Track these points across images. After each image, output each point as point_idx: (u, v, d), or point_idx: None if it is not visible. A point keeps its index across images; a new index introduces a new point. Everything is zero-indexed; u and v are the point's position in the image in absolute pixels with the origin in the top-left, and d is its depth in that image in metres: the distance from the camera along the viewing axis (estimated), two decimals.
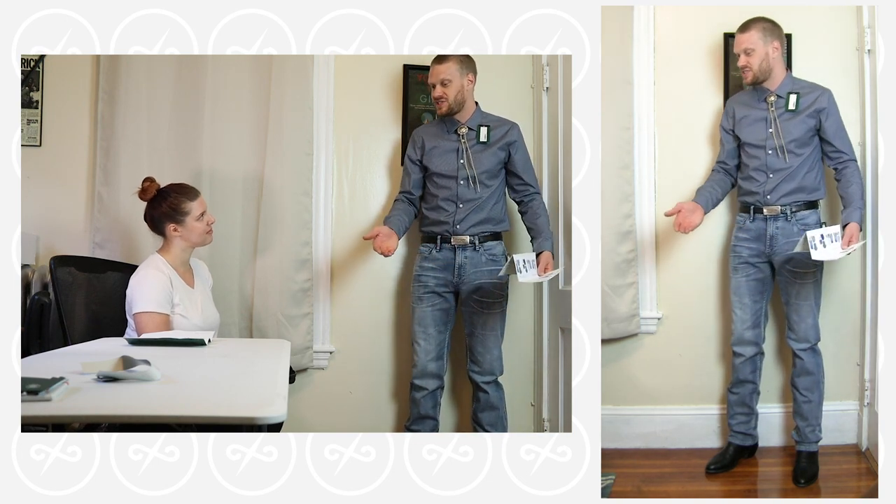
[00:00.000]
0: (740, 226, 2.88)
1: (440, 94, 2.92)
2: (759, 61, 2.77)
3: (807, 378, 2.82)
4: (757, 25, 2.77)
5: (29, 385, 1.34)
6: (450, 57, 2.91)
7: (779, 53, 2.79)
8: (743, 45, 2.78)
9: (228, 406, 1.40)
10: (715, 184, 2.91)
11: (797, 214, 2.78)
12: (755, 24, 2.78)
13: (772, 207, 2.80)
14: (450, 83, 2.91)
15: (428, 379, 2.98)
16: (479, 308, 2.94)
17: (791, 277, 2.79)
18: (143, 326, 2.52)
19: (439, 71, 2.91)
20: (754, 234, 2.84)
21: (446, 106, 2.92)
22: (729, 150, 2.92)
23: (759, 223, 2.82)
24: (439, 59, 2.92)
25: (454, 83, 2.91)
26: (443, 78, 2.90)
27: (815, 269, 2.78)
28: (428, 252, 2.97)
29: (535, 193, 2.98)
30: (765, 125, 2.80)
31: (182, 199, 2.67)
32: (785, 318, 2.87)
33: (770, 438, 3.10)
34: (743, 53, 2.78)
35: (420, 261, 3.01)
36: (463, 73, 2.92)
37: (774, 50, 2.77)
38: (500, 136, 2.95)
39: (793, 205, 2.78)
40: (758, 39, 2.76)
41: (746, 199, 2.86)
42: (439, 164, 2.96)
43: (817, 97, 2.76)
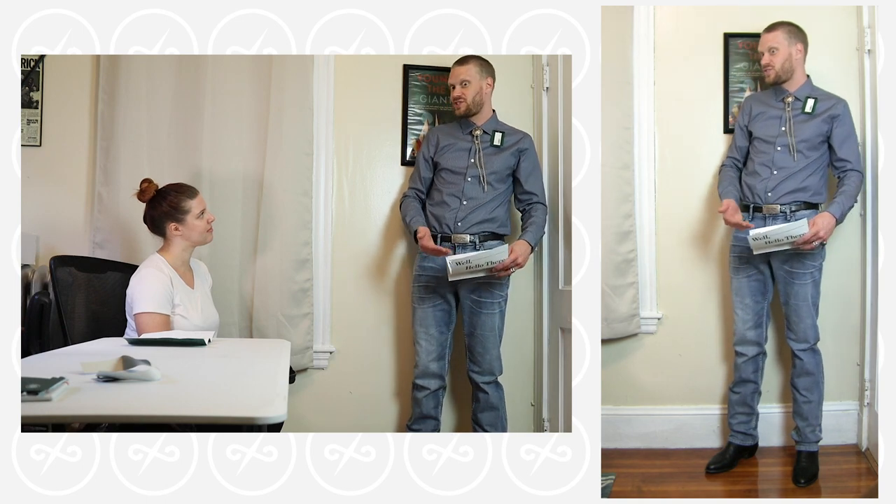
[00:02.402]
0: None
1: (459, 94, 2.95)
2: (783, 61, 2.80)
3: (806, 378, 2.82)
4: (783, 26, 2.82)
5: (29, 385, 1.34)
6: (470, 59, 2.95)
7: (801, 56, 2.83)
8: (768, 43, 2.82)
9: (228, 406, 1.40)
10: (735, 180, 2.91)
11: (796, 214, 2.78)
12: (781, 25, 2.82)
13: (771, 206, 2.80)
14: (469, 84, 2.94)
15: (430, 379, 2.99)
16: (479, 308, 2.94)
17: (789, 278, 2.80)
18: (144, 326, 2.52)
19: (459, 72, 2.95)
20: None
21: (464, 106, 2.95)
22: (741, 146, 2.94)
23: (758, 223, 2.82)
24: (460, 60, 2.97)
25: (473, 84, 2.94)
26: (462, 79, 2.94)
27: (812, 270, 2.78)
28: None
29: (538, 203, 2.99)
30: (779, 123, 2.82)
31: (182, 198, 2.67)
32: (784, 318, 2.87)
33: (770, 438, 3.10)
34: (767, 52, 2.82)
35: (420, 261, 3.01)
36: (482, 76, 2.96)
37: (798, 52, 2.81)
38: (513, 142, 2.98)
39: (792, 204, 2.78)
40: (783, 39, 2.80)
41: (748, 197, 2.86)
42: (450, 161, 2.98)
43: (833, 104, 2.79)
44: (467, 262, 2.75)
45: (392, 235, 3.32)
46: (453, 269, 2.74)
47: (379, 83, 3.32)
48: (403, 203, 3.07)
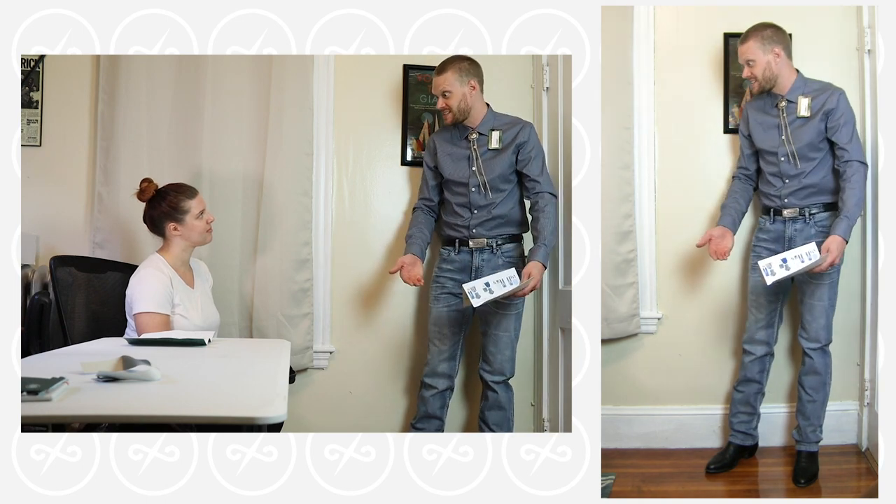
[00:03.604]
0: (761, 227, 2.89)
1: (442, 105, 2.89)
2: (762, 71, 2.75)
3: (814, 378, 2.82)
4: (755, 35, 2.74)
5: (29, 385, 1.34)
6: (448, 67, 2.87)
7: (782, 58, 2.75)
8: (744, 55, 2.76)
9: (228, 406, 1.40)
10: (738, 196, 2.90)
11: (815, 217, 2.77)
12: (753, 33, 2.75)
13: (791, 210, 2.80)
14: (450, 94, 2.87)
15: (438, 378, 2.98)
16: (495, 309, 2.91)
17: (808, 277, 2.78)
18: (144, 326, 2.52)
19: (438, 83, 2.88)
20: (773, 235, 2.84)
21: (451, 116, 2.90)
22: (747, 155, 2.92)
23: (778, 225, 2.82)
24: (438, 69, 2.89)
25: (455, 93, 2.87)
26: (443, 89, 2.87)
27: (832, 272, 2.75)
28: (447, 254, 2.98)
29: (544, 192, 2.87)
30: (777, 132, 2.79)
31: (181, 198, 2.67)
32: (799, 316, 2.86)
33: (770, 438, 3.10)
34: (746, 65, 2.77)
35: (439, 262, 3.02)
36: (463, 82, 2.87)
37: (776, 56, 2.74)
38: (512, 138, 2.89)
39: (812, 206, 2.78)
40: (756, 49, 2.74)
41: (766, 202, 2.87)
42: (452, 172, 2.95)
43: (827, 98, 2.73)
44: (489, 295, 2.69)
45: (392, 235, 3.31)
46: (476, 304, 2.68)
47: (379, 83, 3.32)
48: (412, 218, 3.05)
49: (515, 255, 2.94)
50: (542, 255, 2.80)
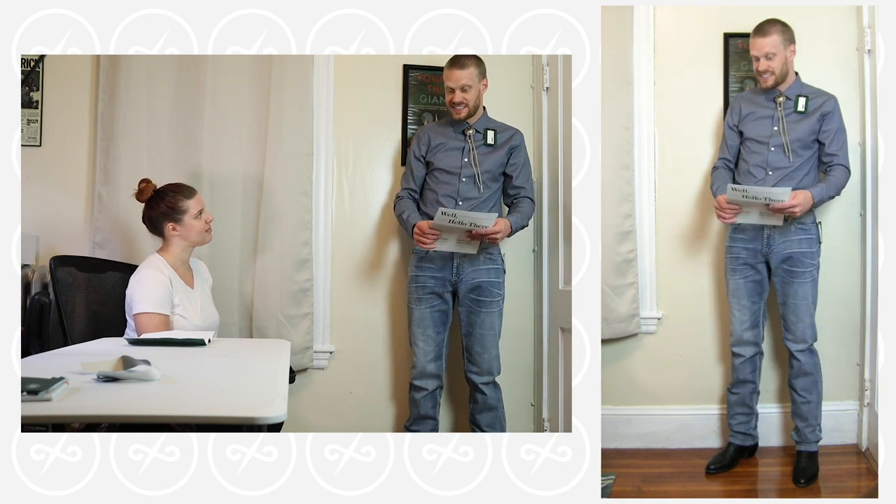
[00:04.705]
0: (735, 226, 2.86)
1: (461, 99, 2.89)
2: (781, 65, 2.75)
3: (805, 379, 2.82)
4: (776, 28, 2.74)
5: (29, 385, 1.34)
6: (469, 61, 2.88)
7: (794, 56, 2.78)
8: (765, 49, 2.74)
9: (228, 406, 1.40)
10: (727, 181, 2.88)
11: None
12: (774, 27, 2.74)
13: None
14: (470, 89, 2.89)
15: (427, 379, 2.98)
16: (477, 307, 2.93)
17: (788, 277, 2.79)
18: (143, 327, 2.51)
19: (460, 77, 2.88)
20: (751, 234, 2.83)
21: (466, 111, 2.91)
22: (732, 146, 2.91)
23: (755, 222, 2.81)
24: (459, 63, 2.89)
25: (474, 88, 2.90)
26: (464, 83, 2.88)
27: (812, 269, 2.77)
28: (425, 252, 2.94)
29: (526, 197, 2.97)
30: (771, 122, 2.80)
31: (179, 198, 2.67)
32: (781, 318, 2.86)
33: (770, 438, 3.10)
34: (764, 58, 2.75)
35: (416, 261, 3.00)
36: (480, 79, 2.92)
37: (792, 53, 2.77)
38: (505, 140, 2.96)
39: None
40: (779, 43, 2.73)
41: None
42: (444, 160, 2.95)
43: (824, 101, 2.77)
44: (453, 215, 2.73)
45: (392, 235, 3.32)
46: (438, 218, 2.72)
47: (379, 83, 3.32)
48: (398, 204, 3.02)
49: (495, 253, 2.95)
50: (514, 220, 2.89)
